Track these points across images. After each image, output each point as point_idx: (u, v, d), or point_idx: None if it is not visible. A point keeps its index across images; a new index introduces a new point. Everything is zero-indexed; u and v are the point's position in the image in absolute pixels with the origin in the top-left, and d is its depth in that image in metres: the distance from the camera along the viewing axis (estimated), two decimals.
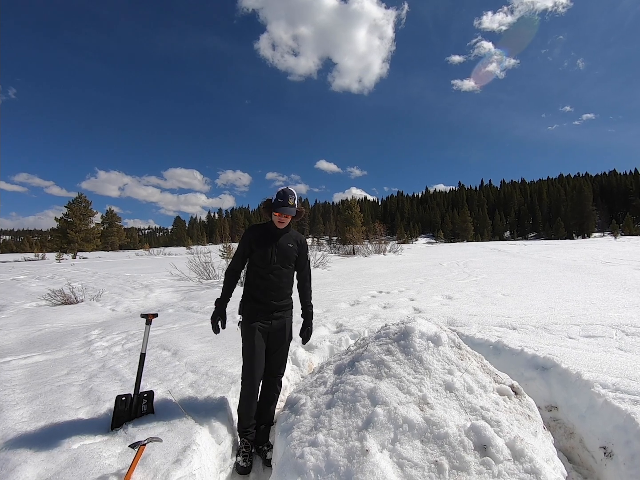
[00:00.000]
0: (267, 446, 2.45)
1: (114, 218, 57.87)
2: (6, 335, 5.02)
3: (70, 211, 37.46)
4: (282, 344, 2.47)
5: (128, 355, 3.74)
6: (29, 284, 11.04)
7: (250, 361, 2.33)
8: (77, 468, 1.81)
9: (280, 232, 2.40)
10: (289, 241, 2.42)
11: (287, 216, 2.32)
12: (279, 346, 2.47)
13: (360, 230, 27.90)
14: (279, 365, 2.51)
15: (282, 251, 2.38)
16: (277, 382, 2.53)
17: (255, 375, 2.33)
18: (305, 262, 2.55)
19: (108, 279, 11.87)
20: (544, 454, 1.71)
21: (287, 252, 2.40)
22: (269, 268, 2.35)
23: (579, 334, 3.58)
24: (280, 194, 2.32)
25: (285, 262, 2.40)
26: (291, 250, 2.42)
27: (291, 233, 2.46)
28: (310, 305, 2.57)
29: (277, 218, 2.33)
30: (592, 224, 78.60)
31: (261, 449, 2.45)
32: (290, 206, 2.30)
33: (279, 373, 2.52)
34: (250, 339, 2.33)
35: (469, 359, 2.24)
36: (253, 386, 2.34)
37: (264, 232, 2.40)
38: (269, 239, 2.37)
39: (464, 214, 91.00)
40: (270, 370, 2.48)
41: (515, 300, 5.59)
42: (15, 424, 2.26)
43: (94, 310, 6.90)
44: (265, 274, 2.35)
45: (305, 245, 2.54)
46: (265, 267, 2.35)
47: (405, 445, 1.66)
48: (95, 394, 2.72)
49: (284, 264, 2.40)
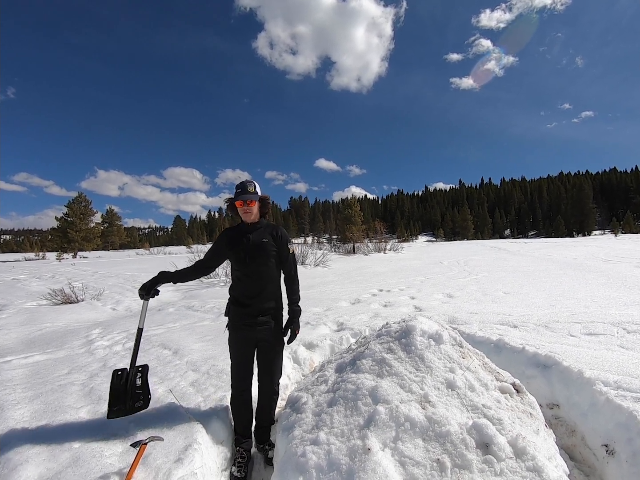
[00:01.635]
0: (269, 445, 2.42)
1: (114, 217, 57.82)
2: (7, 334, 5.02)
3: (71, 211, 37.43)
4: (270, 351, 2.33)
5: (129, 354, 3.73)
6: (29, 283, 11.04)
7: (235, 366, 2.29)
8: (78, 467, 1.81)
9: (252, 228, 2.28)
10: (262, 236, 2.28)
11: (249, 202, 2.20)
12: (268, 353, 2.33)
13: (361, 229, 27.89)
14: (271, 372, 2.37)
15: (256, 248, 2.24)
16: (275, 384, 2.42)
17: (240, 383, 2.29)
18: (287, 254, 2.38)
19: (108, 279, 11.87)
20: (546, 452, 1.70)
21: (263, 248, 2.25)
22: (246, 268, 2.24)
23: (580, 332, 3.58)
24: (239, 185, 2.24)
25: (261, 259, 2.25)
26: (266, 244, 2.26)
27: (265, 227, 2.33)
28: (295, 301, 2.40)
29: (241, 210, 2.22)
30: (593, 222, 78.52)
31: (262, 447, 2.42)
32: (250, 193, 2.20)
33: (272, 381, 2.39)
34: (235, 345, 2.27)
35: (470, 357, 2.24)
36: (240, 389, 2.30)
37: (237, 232, 2.30)
38: (241, 238, 2.26)
39: (464, 212, 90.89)
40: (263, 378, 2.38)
41: (516, 299, 5.59)
42: (16, 423, 2.25)
43: (94, 310, 6.90)
44: (243, 276, 2.25)
45: (284, 237, 2.37)
46: (241, 269, 2.25)
47: (407, 444, 1.66)
48: (96, 393, 2.71)
49: (261, 262, 2.25)
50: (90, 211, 39.21)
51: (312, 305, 5.80)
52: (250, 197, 2.20)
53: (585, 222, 77.67)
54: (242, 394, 2.31)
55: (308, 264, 13.86)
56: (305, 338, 3.91)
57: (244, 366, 2.29)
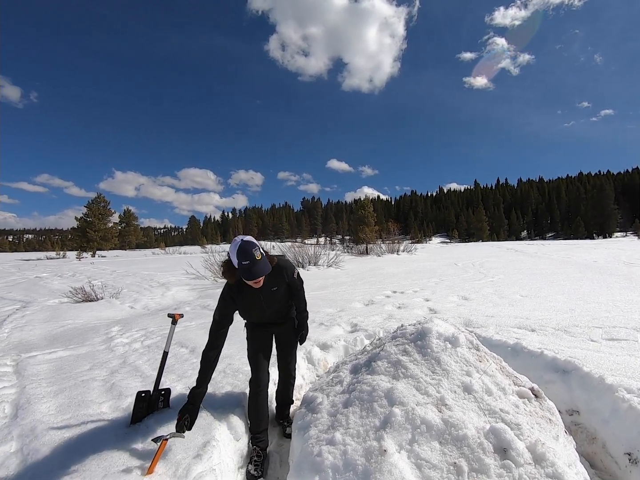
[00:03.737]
0: (287, 422, 2.66)
1: (131, 217, 59.10)
2: (31, 330, 5.21)
3: (90, 211, 38.48)
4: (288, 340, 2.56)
5: (147, 351, 3.83)
6: (51, 281, 11.41)
7: (254, 362, 2.39)
8: (101, 460, 1.87)
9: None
10: (272, 285, 2.20)
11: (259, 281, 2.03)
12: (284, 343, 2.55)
13: (374, 230, 27.76)
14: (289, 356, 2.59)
15: (268, 297, 2.24)
16: (292, 369, 2.63)
17: (260, 376, 2.36)
18: (297, 291, 2.40)
19: (126, 277, 12.16)
20: (566, 459, 1.67)
21: (275, 296, 2.27)
22: (262, 317, 2.36)
23: (602, 337, 3.48)
24: (241, 253, 1.89)
25: (276, 305, 2.33)
26: (277, 293, 2.27)
27: (275, 271, 2.17)
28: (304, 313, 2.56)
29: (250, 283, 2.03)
30: (614, 224, 76.08)
31: (282, 422, 2.69)
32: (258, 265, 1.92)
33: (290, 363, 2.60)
34: (253, 339, 2.43)
35: (487, 361, 2.22)
36: (258, 385, 2.35)
37: (244, 289, 2.16)
38: (251, 295, 2.18)
39: (479, 213, 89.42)
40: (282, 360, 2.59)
41: (534, 302, 5.47)
42: (42, 416, 2.35)
43: (113, 308, 7.08)
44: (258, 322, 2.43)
45: (291, 273, 2.29)
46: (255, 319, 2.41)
47: (423, 446, 1.65)
48: (117, 389, 2.80)
49: (276, 308, 2.36)
50: (108, 211, 40.21)
51: (325, 306, 5.82)
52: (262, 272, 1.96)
53: (606, 223, 75.33)
54: (260, 390, 2.36)
55: (321, 264, 13.88)
56: (319, 339, 3.93)
57: (263, 356, 2.41)
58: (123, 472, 1.78)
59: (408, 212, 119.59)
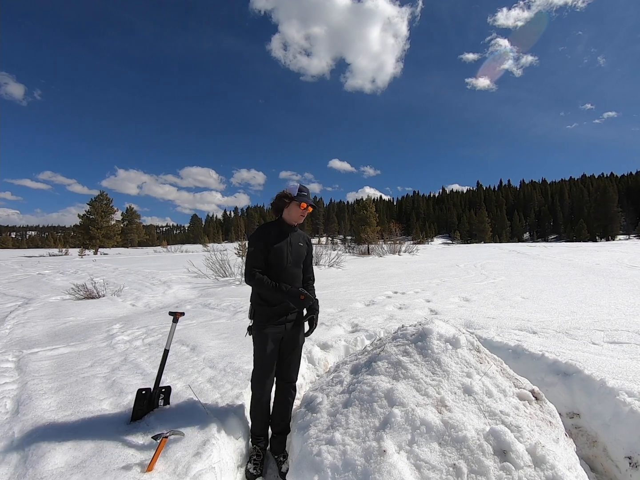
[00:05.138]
0: (283, 457, 2.32)
1: (133, 215, 59.29)
2: (33, 327, 5.23)
3: (92, 208, 38.64)
4: (295, 347, 2.34)
5: (148, 349, 3.84)
6: (53, 278, 11.46)
7: (261, 368, 2.23)
8: (102, 457, 1.88)
9: (291, 230, 2.32)
10: (299, 240, 2.36)
11: (309, 209, 2.28)
12: (292, 350, 2.33)
13: (375, 230, 27.74)
14: (292, 370, 2.37)
15: (295, 250, 2.30)
16: (292, 387, 2.39)
17: (266, 382, 2.25)
18: (311, 260, 2.51)
19: (128, 275, 12.19)
20: (566, 462, 1.67)
21: (300, 252, 2.34)
22: (282, 270, 2.22)
23: (603, 340, 3.47)
24: (302, 187, 2.29)
25: (298, 261, 2.33)
26: (302, 249, 2.36)
27: (299, 232, 2.41)
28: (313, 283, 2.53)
29: (299, 212, 2.25)
30: (617, 226, 75.71)
31: (277, 459, 2.34)
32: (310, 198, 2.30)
33: (292, 379, 2.37)
34: (262, 346, 2.20)
35: (488, 363, 2.21)
36: (263, 390, 2.26)
37: (278, 231, 2.28)
38: (283, 238, 2.27)
39: (481, 215, 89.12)
40: (283, 376, 2.35)
41: (535, 304, 5.46)
42: (44, 412, 2.36)
43: (115, 305, 7.10)
44: (279, 275, 2.20)
45: (311, 244, 2.52)
46: (280, 268, 2.21)
47: (422, 447, 1.65)
48: (118, 386, 2.81)
49: (297, 264, 2.32)
50: (111, 209, 40.37)
51: (326, 306, 5.82)
52: (312, 203, 2.26)
53: (609, 226, 74.97)
54: (264, 389, 2.26)
55: (322, 264, 13.88)
56: (320, 338, 3.93)
57: (270, 366, 2.25)
58: (123, 468, 1.79)
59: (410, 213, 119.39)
